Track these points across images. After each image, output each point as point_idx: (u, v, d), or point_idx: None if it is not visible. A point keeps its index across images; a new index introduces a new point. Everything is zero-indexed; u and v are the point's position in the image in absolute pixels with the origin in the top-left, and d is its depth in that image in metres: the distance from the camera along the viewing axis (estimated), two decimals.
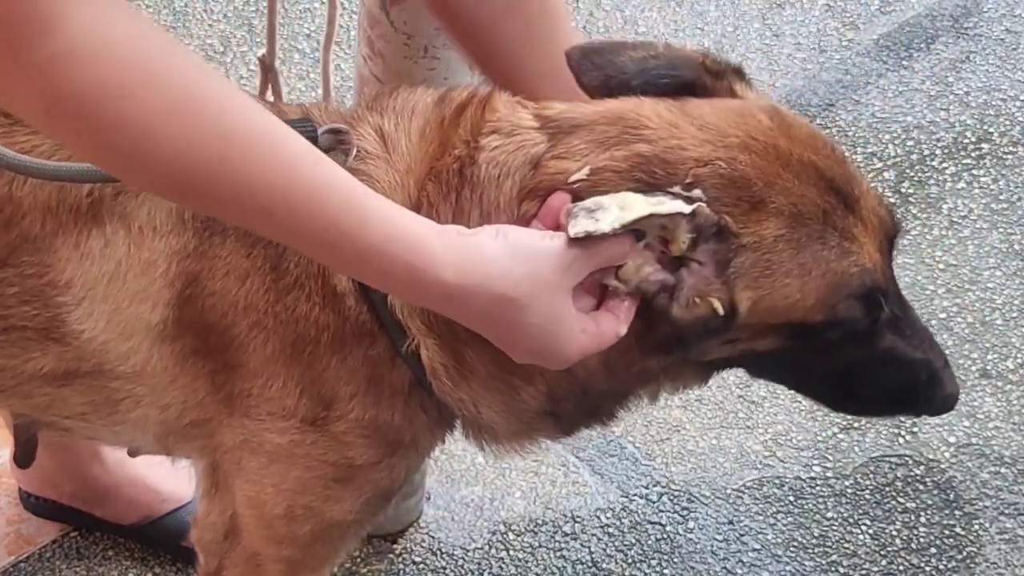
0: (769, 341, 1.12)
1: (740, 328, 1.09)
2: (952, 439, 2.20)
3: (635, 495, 2.09)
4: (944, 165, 2.65)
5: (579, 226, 0.99)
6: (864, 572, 2.02)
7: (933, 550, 2.05)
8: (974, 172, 2.64)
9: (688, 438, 2.17)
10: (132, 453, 1.53)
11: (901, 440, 2.19)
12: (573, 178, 1.05)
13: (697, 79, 1.14)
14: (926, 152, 2.67)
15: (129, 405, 1.24)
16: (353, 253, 0.96)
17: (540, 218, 1.06)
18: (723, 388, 2.25)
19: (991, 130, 2.72)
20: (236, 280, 1.16)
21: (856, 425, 2.21)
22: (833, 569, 2.02)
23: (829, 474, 2.14)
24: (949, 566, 2.03)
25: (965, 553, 2.04)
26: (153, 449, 1.36)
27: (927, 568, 2.02)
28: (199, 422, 1.26)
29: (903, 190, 2.60)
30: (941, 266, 2.47)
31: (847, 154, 1.19)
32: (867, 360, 1.17)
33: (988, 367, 2.30)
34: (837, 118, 2.73)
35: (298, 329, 1.16)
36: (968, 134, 2.71)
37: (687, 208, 1.01)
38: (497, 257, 1.00)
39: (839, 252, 1.08)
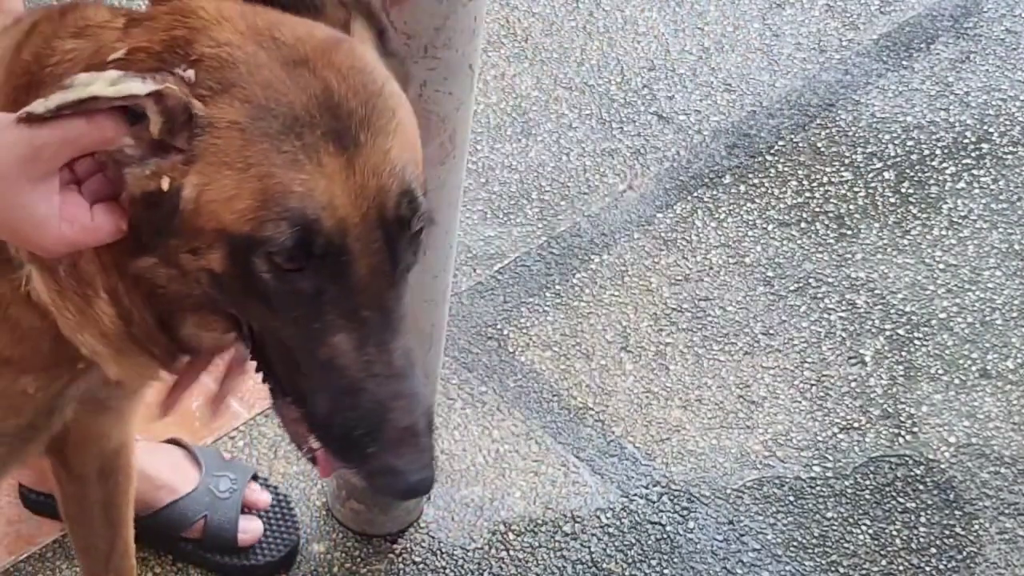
0: (217, 258, 1.00)
1: (194, 231, 1.00)
2: (952, 439, 2.20)
3: (635, 495, 2.09)
4: (944, 165, 2.65)
5: (29, 107, 0.95)
6: (864, 572, 2.02)
7: (933, 550, 2.05)
8: (974, 172, 2.64)
9: (688, 438, 2.17)
10: None
11: (901, 440, 2.19)
12: (111, 57, 1.00)
13: (321, 5, 1.08)
14: (926, 152, 2.67)
15: None
16: None
17: None
18: (723, 388, 2.25)
19: (991, 130, 2.72)
20: None
21: (856, 425, 2.21)
22: (833, 569, 2.02)
23: (829, 474, 2.14)
24: (949, 566, 2.03)
25: (965, 553, 2.04)
26: None
27: (927, 568, 2.02)
28: None
29: (903, 190, 2.60)
30: (941, 266, 2.47)
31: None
32: (304, 345, 1.02)
33: (988, 367, 2.30)
34: (837, 118, 2.73)
35: None
36: (968, 134, 2.71)
37: (143, 89, 0.96)
38: None
39: (290, 162, 0.97)
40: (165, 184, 0.99)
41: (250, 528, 1.90)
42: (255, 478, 1.96)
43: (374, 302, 1.00)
